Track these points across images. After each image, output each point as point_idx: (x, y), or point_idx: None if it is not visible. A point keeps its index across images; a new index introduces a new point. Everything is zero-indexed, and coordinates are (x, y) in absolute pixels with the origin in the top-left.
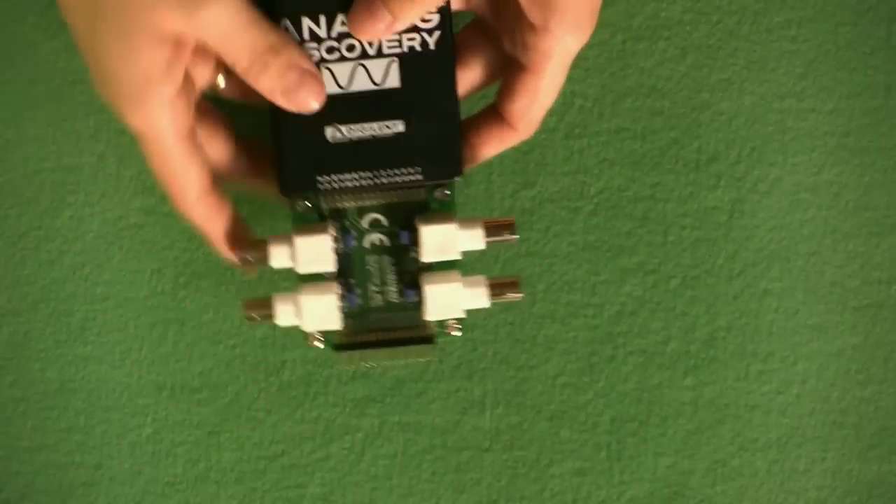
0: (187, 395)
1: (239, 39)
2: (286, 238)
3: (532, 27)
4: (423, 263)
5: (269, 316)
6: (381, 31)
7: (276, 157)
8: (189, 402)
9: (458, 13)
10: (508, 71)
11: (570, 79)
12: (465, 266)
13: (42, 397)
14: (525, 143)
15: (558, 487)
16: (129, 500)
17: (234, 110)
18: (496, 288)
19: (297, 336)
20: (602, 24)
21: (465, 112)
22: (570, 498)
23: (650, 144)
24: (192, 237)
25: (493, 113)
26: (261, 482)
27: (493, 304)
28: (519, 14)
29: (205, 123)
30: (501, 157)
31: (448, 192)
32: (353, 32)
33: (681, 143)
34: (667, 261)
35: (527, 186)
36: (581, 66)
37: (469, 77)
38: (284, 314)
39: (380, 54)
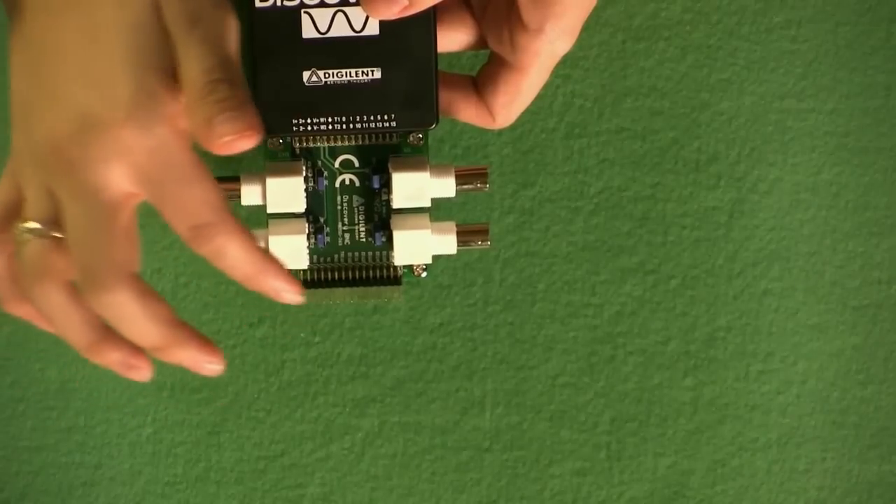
0: (187, 395)
1: None
2: (258, 176)
3: (525, 28)
4: (394, 208)
5: None
6: (395, 12)
7: (252, 97)
8: (189, 402)
9: None
10: (492, 65)
11: (570, 79)
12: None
13: (42, 397)
14: (525, 143)
15: (558, 487)
16: (129, 500)
17: None
18: (465, 235)
19: (296, 336)
20: (602, 24)
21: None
22: (570, 498)
23: (650, 144)
24: None
25: (474, 91)
26: (261, 482)
27: (460, 251)
28: (511, 14)
29: None
30: (501, 158)
31: (421, 137)
32: (363, 8)
33: (681, 143)
34: (667, 261)
35: (527, 186)
36: (581, 66)
37: (445, 40)
38: None
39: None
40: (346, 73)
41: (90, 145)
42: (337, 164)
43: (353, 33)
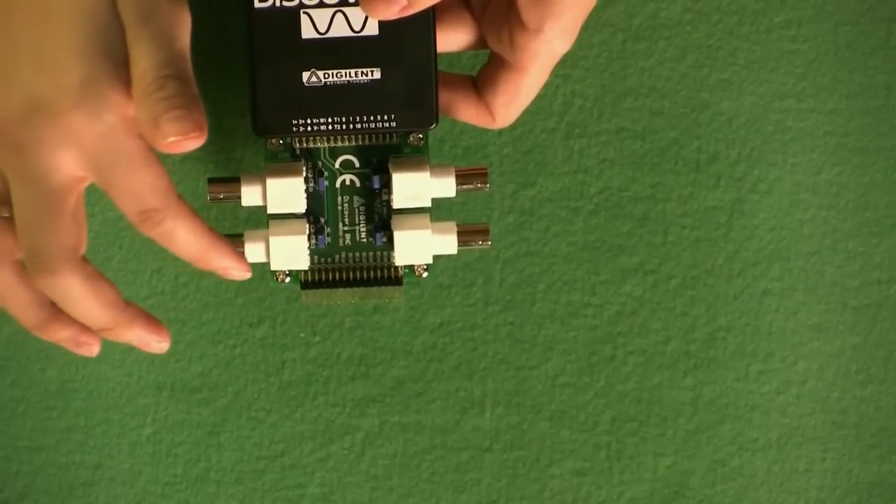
0: (187, 395)
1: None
2: (258, 177)
3: (524, 27)
4: (395, 208)
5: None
6: (394, 13)
7: (251, 97)
8: (189, 402)
9: None
10: (492, 65)
11: (570, 79)
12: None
13: (42, 397)
14: (525, 143)
15: (558, 487)
16: (129, 500)
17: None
18: (465, 235)
19: (296, 336)
20: (602, 24)
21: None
22: (570, 498)
23: (650, 144)
24: None
25: (474, 91)
26: (261, 482)
27: (460, 251)
28: (510, 13)
29: None
30: (501, 158)
31: (421, 137)
32: (362, 8)
33: (681, 143)
34: (667, 261)
35: (527, 186)
36: (581, 66)
37: (444, 40)
38: (253, 252)
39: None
40: (345, 73)
41: (39, 129)
42: (337, 165)
43: (352, 33)
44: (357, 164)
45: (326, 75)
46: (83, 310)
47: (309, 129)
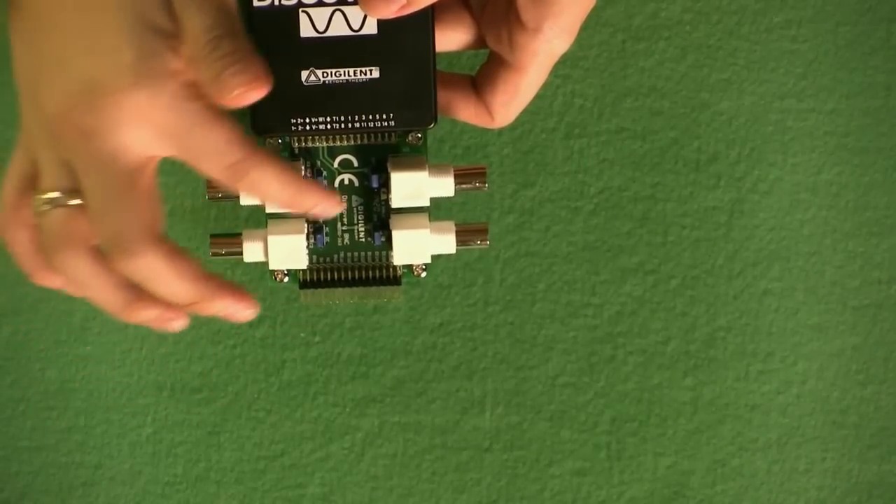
0: (187, 395)
1: None
2: None
3: (523, 27)
4: (393, 208)
5: (236, 252)
6: (392, 11)
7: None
8: (189, 402)
9: None
10: (491, 65)
11: (570, 79)
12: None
13: (42, 397)
14: (525, 143)
15: (558, 487)
16: (129, 500)
17: None
18: (464, 235)
19: (296, 336)
20: (602, 24)
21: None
22: (570, 498)
23: (650, 144)
24: (192, 237)
25: (473, 91)
26: (261, 482)
27: (459, 251)
28: (510, 12)
29: None
30: (501, 158)
31: (420, 136)
32: (361, 7)
33: (681, 143)
34: (667, 261)
35: (527, 186)
36: (581, 66)
37: (443, 39)
38: (252, 251)
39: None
40: (344, 72)
41: (103, 112)
42: (336, 164)
43: (351, 32)
44: (356, 164)
45: (325, 74)
46: (167, 287)
47: (307, 128)
